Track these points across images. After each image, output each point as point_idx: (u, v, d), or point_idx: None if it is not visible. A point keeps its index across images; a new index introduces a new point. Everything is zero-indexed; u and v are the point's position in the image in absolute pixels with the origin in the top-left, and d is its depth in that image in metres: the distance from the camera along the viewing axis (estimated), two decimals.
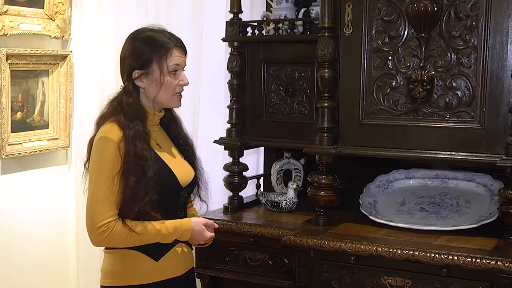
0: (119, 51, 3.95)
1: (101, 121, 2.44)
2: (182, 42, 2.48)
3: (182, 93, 2.50)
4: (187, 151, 2.59)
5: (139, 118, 2.39)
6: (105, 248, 2.47)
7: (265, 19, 3.44)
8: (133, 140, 2.33)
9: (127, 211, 2.32)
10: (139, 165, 2.31)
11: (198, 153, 2.68)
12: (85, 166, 2.46)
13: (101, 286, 2.49)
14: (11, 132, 3.71)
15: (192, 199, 2.65)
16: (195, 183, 2.57)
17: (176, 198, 2.47)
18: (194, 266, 2.65)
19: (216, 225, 2.61)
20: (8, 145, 3.67)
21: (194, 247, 2.66)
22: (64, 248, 4.16)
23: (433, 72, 2.83)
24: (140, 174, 2.31)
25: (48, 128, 3.99)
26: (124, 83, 2.46)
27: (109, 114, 2.43)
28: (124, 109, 2.39)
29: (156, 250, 2.40)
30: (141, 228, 2.33)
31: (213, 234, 2.55)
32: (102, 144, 2.34)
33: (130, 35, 2.49)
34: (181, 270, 2.50)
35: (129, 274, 2.41)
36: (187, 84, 2.49)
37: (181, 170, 2.48)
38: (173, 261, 2.46)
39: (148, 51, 2.40)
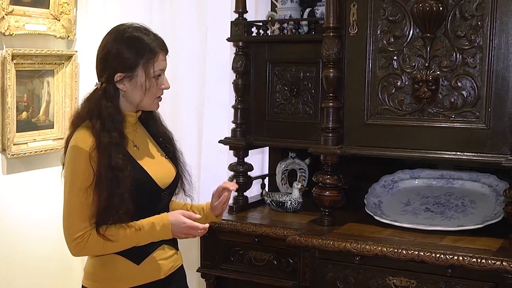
0: None
1: (77, 121, 2.33)
2: (165, 44, 2.39)
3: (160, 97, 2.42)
4: (168, 149, 2.51)
5: (117, 123, 2.30)
6: None
7: (270, 19, 3.44)
8: (107, 149, 2.24)
9: (102, 222, 2.25)
10: (113, 176, 2.22)
11: (179, 146, 2.59)
12: (63, 167, 2.36)
13: (82, 285, 2.42)
14: (17, 132, 3.72)
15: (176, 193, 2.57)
16: (177, 182, 2.50)
17: (156, 202, 2.40)
18: (182, 265, 2.54)
19: (197, 216, 2.42)
20: (14, 144, 3.68)
21: (179, 250, 2.55)
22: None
23: (438, 72, 2.83)
24: (115, 186, 2.22)
25: (53, 128, 4.00)
26: (102, 84, 2.34)
27: (85, 116, 2.32)
28: (102, 116, 2.28)
29: (137, 254, 2.34)
30: (116, 236, 2.26)
31: (196, 224, 2.36)
32: (73, 154, 2.26)
33: (111, 33, 2.37)
34: (164, 272, 2.42)
35: (109, 278, 2.35)
36: (168, 88, 2.41)
37: (160, 171, 2.41)
38: (155, 264, 2.38)
39: (134, 54, 2.30)
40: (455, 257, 2.58)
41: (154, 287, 2.39)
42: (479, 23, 2.75)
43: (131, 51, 2.30)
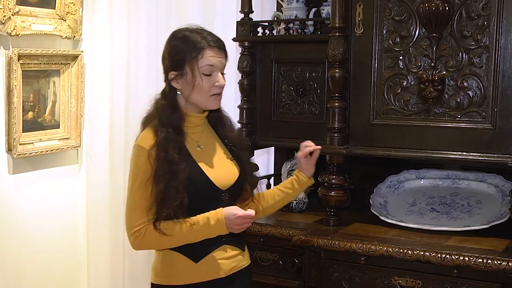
0: (130, 51, 4.01)
1: (145, 121, 2.45)
2: (219, 42, 2.42)
3: (221, 94, 2.45)
4: (233, 151, 2.55)
5: (173, 121, 2.38)
6: None
7: (275, 19, 3.44)
8: (164, 144, 2.33)
9: (158, 215, 2.33)
10: (169, 170, 2.30)
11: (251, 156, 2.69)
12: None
13: (151, 283, 2.51)
14: (23, 132, 3.73)
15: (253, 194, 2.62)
16: (241, 184, 2.51)
17: (216, 202, 2.42)
18: (248, 265, 2.58)
19: (251, 212, 2.42)
20: (20, 144, 3.69)
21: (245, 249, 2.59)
22: (74, 247, 4.18)
23: (444, 72, 2.83)
24: (170, 179, 2.30)
25: (59, 128, 4.00)
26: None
27: (152, 116, 2.43)
28: (159, 113, 2.40)
29: (196, 252, 2.40)
30: (171, 230, 2.33)
31: (247, 213, 2.39)
32: (135, 152, 2.37)
33: (170, 35, 2.46)
34: (225, 272, 2.45)
35: (168, 274, 2.43)
36: (223, 85, 2.43)
37: (220, 172, 2.45)
38: (214, 263, 2.42)
39: (181, 51, 2.37)
40: (461, 258, 2.58)
41: (214, 286, 2.44)
42: (485, 23, 2.74)
43: (179, 49, 2.38)
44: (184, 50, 2.36)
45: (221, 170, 2.46)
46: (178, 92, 2.42)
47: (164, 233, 2.32)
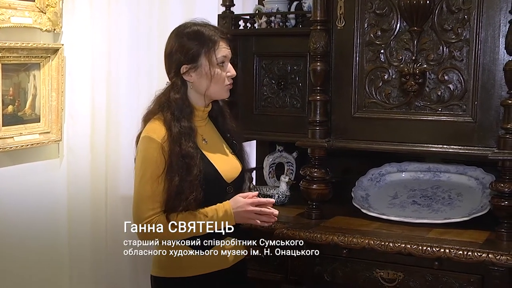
0: (111, 44, 3.98)
1: (147, 117, 2.45)
2: (225, 33, 2.49)
3: (232, 84, 2.51)
4: (234, 145, 2.59)
5: (186, 114, 2.41)
6: None
7: (257, 12, 3.44)
8: (178, 138, 2.35)
9: (172, 208, 2.35)
10: (184, 164, 2.33)
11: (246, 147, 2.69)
12: (135, 160, 2.46)
13: (150, 275, 2.51)
14: (2, 126, 3.69)
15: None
16: (243, 177, 2.56)
17: (222, 195, 2.45)
18: (245, 258, 2.58)
19: (255, 193, 2.48)
20: (0, 138, 3.66)
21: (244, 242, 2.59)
22: (56, 242, 4.15)
23: (425, 66, 2.84)
24: (185, 173, 2.32)
25: (39, 122, 3.96)
26: (171, 79, 2.46)
27: (156, 111, 2.43)
28: (172, 106, 2.40)
29: (201, 244, 2.42)
30: (181, 221, 2.35)
31: (265, 210, 2.42)
32: (145, 144, 2.37)
33: (174, 31, 2.49)
34: (229, 262, 2.48)
35: (173, 266, 2.43)
36: (235, 75, 2.50)
37: (226, 165, 2.48)
38: (219, 254, 2.46)
39: (196, 45, 2.41)
40: (442, 250, 2.60)
41: (218, 276, 2.46)
42: (465, 16, 2.76)
43: (192, 42, 2.42)
44: (199, 43, 2.41)
45: (226, 163, 2.50)
46: (189, 86, 2.45)
47: (175, 225, 2.34)
